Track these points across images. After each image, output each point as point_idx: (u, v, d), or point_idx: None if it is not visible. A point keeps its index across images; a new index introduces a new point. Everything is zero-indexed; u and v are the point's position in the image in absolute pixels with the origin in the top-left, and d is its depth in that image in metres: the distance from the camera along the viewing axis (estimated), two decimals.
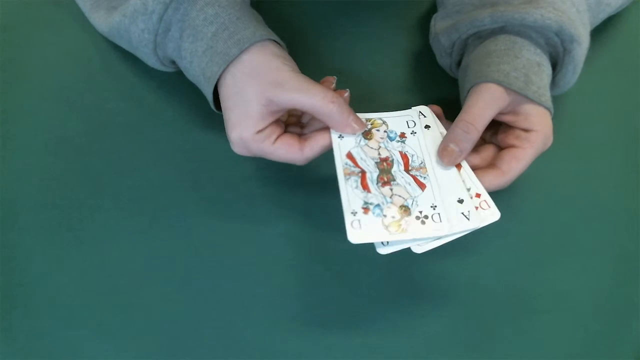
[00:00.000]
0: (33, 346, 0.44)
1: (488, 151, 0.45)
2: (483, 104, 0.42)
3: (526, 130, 0.43)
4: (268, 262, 0.47)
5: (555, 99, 0.49)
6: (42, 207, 0.48)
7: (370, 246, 0.40)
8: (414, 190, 0.41)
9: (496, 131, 0.46)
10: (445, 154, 0.42)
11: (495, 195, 0.41)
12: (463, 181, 0.42)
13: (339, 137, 0.43)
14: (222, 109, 0.44)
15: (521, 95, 0.43)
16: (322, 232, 0.47)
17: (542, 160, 0.49)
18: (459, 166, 0.42)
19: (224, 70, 0.43)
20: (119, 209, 0.48)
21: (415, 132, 0.44)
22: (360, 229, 0.39)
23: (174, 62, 0.49)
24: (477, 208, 0.41)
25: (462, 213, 0.40)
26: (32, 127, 0.51)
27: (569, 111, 0.52)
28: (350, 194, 0.40)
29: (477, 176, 0.42)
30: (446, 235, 0.39)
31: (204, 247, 0.47)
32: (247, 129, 0.42)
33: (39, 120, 0.51)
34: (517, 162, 0.43)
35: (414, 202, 0.40)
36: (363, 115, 0.44)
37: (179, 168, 0.49)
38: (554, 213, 0.48)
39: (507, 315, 0.46)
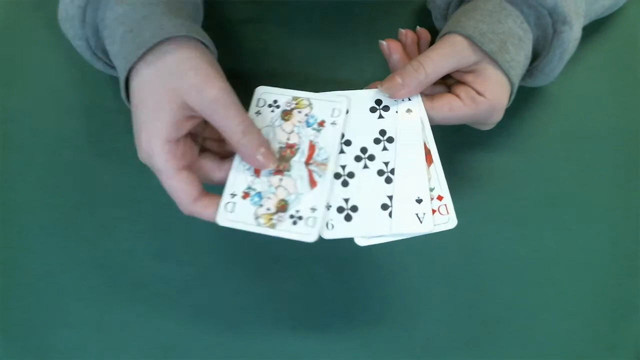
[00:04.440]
0: (33, 346, 0.44)
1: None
2: (445, 52, 0.41)
3: (478, 93, 0.41)
4: (268, 262, 0.47)
5: (554, 98, 0.50)
6: (42, 207, 0.48)
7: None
8: (303, 187, 0.39)
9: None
10: (389, 84, 0.40)
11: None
12: (429, 179, 0.39)
13: (255, 114, 0.41)
14: (132, 109, 0.39)
15: (489, 59, 0.41)
16: None
17: (542, 160, 0.50)
18: (429, 160, 0.40)
19: (128, 77, 0.39)
20: (119, 209, 0.48)
21: (335, 123, 0.41)
22: (233, 212, 0.38)
23: None
24: (434, 211, 0.38)
25: (417, 214, 0.38)
26: (32, 127, 0.51)
27: (568, 111, 0.52)
28: (239, 174, 0.39)
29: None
30: (394, 235, 0.38)
31: (204, 247, 0.47)
32: (158, 134, 0.36)
33: (39, 120, 0.51)
34: (448, 110, 0.41)
35: (296, 199, 0.38)
36: (292, 93, 0.42)
37: None
38: (553, 213, 0.48)
39: (507, 315, 0.46)
